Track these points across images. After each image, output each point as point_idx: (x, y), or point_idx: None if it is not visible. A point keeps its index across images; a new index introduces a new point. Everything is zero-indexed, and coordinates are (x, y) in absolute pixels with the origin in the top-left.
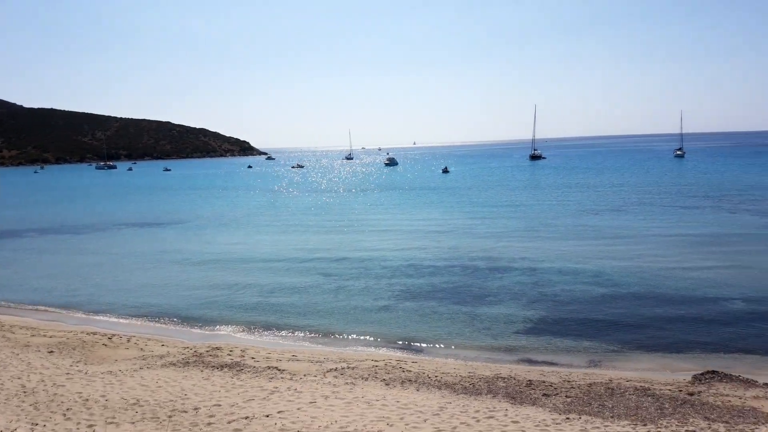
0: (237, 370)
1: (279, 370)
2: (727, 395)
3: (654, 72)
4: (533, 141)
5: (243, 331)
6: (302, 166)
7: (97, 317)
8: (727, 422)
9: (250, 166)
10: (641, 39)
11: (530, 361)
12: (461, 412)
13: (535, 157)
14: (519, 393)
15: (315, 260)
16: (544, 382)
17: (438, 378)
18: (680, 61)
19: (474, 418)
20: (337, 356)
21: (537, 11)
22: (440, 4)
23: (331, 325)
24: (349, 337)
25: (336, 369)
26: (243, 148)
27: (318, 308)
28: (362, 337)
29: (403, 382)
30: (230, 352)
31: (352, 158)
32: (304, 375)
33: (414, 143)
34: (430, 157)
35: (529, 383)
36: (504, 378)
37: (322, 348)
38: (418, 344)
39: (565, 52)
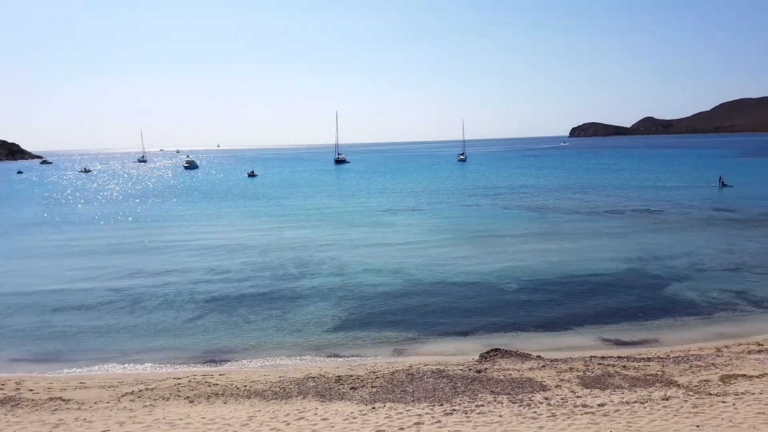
0: (12, 406)
1: (64, 400)
2: (508, 369)
3: (440, 83)
4: (336, 146)
5: (18, 361)
6: (89, 171)
7: None
8: (509, 393)
9: (20, 172)
10: (431, 53)
11: (339, 357)
12: (271, 418)
13: (339, 162)
14: (328, 390)
15: (104, 277)
16: (352, 375)
17: (247, 387)
18: (462, 72)
19: (284, 422)
20: (133, 378)
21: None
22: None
23: (126, 345)
24: (148, 355)
25: (133, 392)
26: (12, 151)
27: (110, 328)
28: (162, 355)
29: (209, 397)
30: (1, 387)
31: (145, 161)
32: (95, 402)
33: (218, 146)
34: (235, 160)
35: (338, 379)
36: (314, 377)
37: (116, 371)
38: (226, 355)
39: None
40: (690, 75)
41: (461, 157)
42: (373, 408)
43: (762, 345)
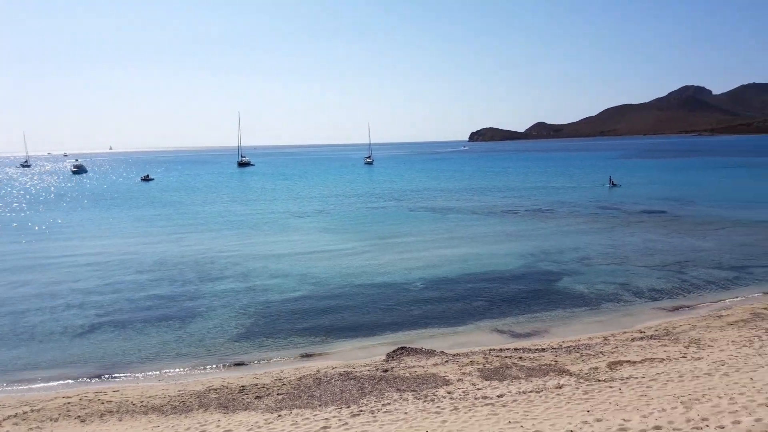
0: None
1: None
2: (414, 366)
3: (346, 87)
4: (239, 148)
5: None
6: None
7: None
8: (414, 390)
9: None
10: (337, 56)
11: (244, 367)
12: None
13: (243, 164)
14: (232, 401)
15: None
16: (257, 384)
17: (144, 403)
18: (368, 77)
19: None
20: (16, 400)
21: (238, 19)
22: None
23: (8, 364)
24: (33, 374)
25: (16, 415)
26: None
27: None
28: (50, 373)
29: (102, 415)
30: None
31: (29, 165)
32: None
33: (111, 148)
34: (128, 164)
35: (242, 389)
36: (216, 389)
37: None
38: (121, 370)
39: (267, 63)
40: (578, 83)
41: (368, 160)
42: (279, 416)
43: (644, 332)
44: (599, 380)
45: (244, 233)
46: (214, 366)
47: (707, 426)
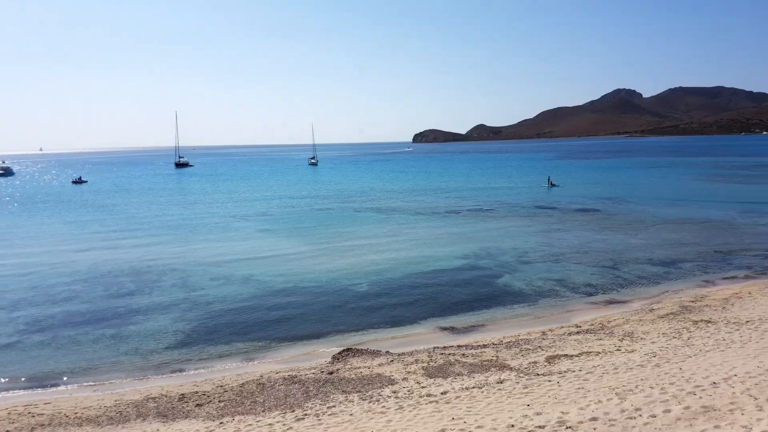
0: None
1: None
2: (359, 367)
3: (289, 87)
4: (177, 148)
5: None
6: None
7: None
8: (359, 391)
9: None
10: (280, 55)
11: (184, 375)
12: None
13: (181, 165)
14: (171, 409)
15: None
16: (197, 392)
17: (78, 415)
18: (311, 77)
19: None
20: None
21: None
22: None
23: None
24: None
25: None
26: None
27: None
28: None
29: (33, 429)
30: None
31: None
32: None
33: (41, 150)
34: (60, 165)
35: (182, 397)
36: (155, 398)
37: None
38: (53, 381)
39: (206, 62)
40: (516, 86)
41: (312, 161)
42: (221, 423)
43: (580, 327)
44: (538, 374)
45: (183, 237)
46: (153, 374)
47: (640, 416)
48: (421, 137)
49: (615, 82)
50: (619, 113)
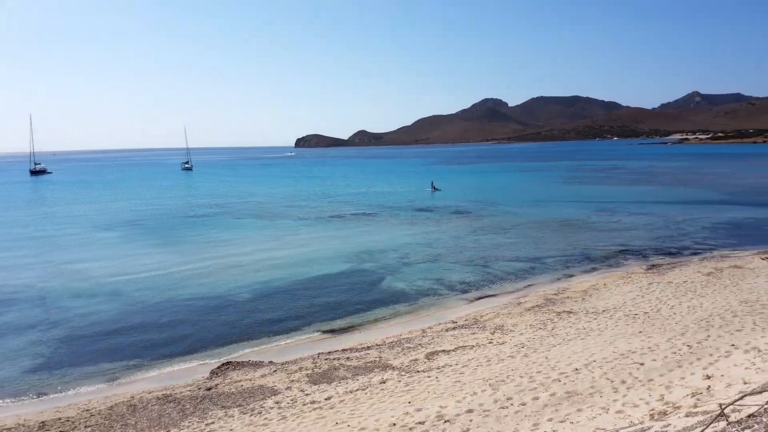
0: None
1: None
2: (240, 380)
3: (159, 86)
4: (32, 154)
5: None
6: None
7: None
8: (240, 405)
9: None
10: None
11: (44, 400)
12: None
13: (37, 172)
14: None
15: None
16: (59, 419)
17: None
18: (183, 77)
19: None
20: None
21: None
22: None
23: None
24: None
25: None
26: None
27: None
28: None
29: None
30: None
31: None
32: None
33: None
34: None
35: (43, 425)
36: (10, 428)
37: None
38: None
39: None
40: (395, 94)
41: (186, 165)
42: None
43: (456, 322)
44: (419, 371)
45: (39, 251)
46: (8, 402)
47: (512, 404)
48: (303, 142)
49: (484, 92)
50: (487, 121)
